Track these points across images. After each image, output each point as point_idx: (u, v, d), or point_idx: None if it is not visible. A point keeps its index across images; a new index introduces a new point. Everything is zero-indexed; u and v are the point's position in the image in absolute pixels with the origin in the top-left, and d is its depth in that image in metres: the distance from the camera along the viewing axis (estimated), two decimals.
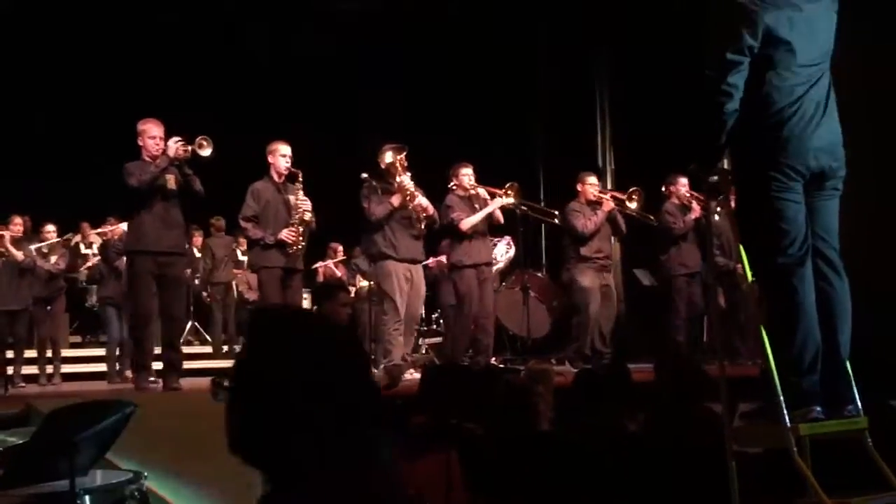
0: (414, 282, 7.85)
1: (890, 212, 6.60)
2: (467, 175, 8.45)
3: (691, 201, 8.76)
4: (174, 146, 6.90)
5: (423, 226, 7.92)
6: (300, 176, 7.52)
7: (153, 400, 6.52)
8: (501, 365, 8.50)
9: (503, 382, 5.22)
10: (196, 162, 7.04)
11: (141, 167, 6.93)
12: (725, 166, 4.36)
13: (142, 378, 7.06)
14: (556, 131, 12.14)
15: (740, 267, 5.13)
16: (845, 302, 3.71)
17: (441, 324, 10.89)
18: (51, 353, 9.40)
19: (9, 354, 9.05)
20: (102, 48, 11.90)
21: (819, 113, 3.67)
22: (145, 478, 3.00)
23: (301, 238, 7.44)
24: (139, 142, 7.07)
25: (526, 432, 4.50)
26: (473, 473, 3.69)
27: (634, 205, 8.90)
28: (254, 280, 10.15)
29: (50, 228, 9.57)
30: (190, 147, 6.96)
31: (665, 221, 8.82)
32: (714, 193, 3.97)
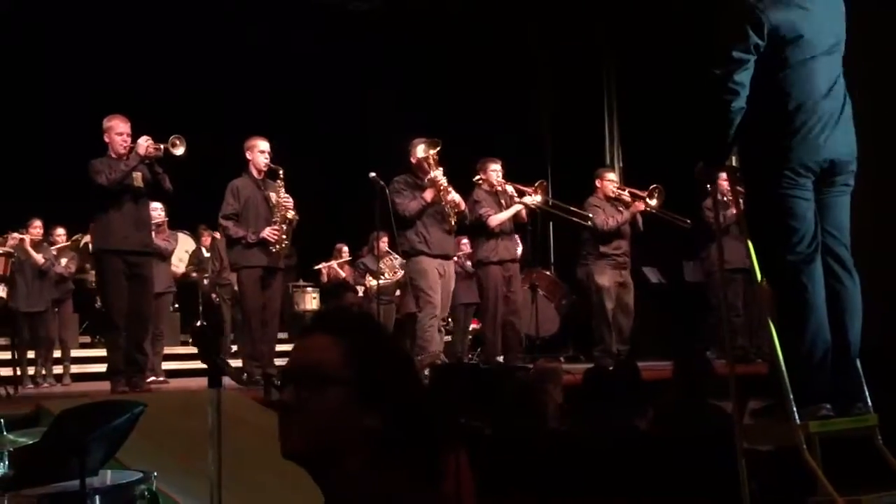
0: (445, 277, 7.71)
1: None
2: (495, 171, 8.33)
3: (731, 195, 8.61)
4: (144, 144, 6.74)
5: (455, 221, 7.78)
6: (281, 172, 7.39)
7: (162, 399, 6.51)
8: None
9: (512, 381, 5.23)
10: (169, 160, 6.89)
11: (109, 165, 6.78)
12: (733, 163, 4.35)
13: (118, 382, 6.76)
14: (565, 129, 12.12)
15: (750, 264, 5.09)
16: (856, 299, 3.69)
17: (449, 322, 10.85)
18: (60, 354, 9.44)
19: (29, 354, 9.17)
20: (118, 61, 11.87)
21: (830, 109, 3.65)
22: (155, 478, 3.00)
23: (284, 236, 7.32)
24: (105, 138, 6.90)
25: (535, 431, 4.50)
26: (482, 472, 3.69)
27: (655, 202, 8.83)
28: None
29: (60, 232, 9.61)
30: (162, 146, 6.82)
31: (706, 218, 8.69)
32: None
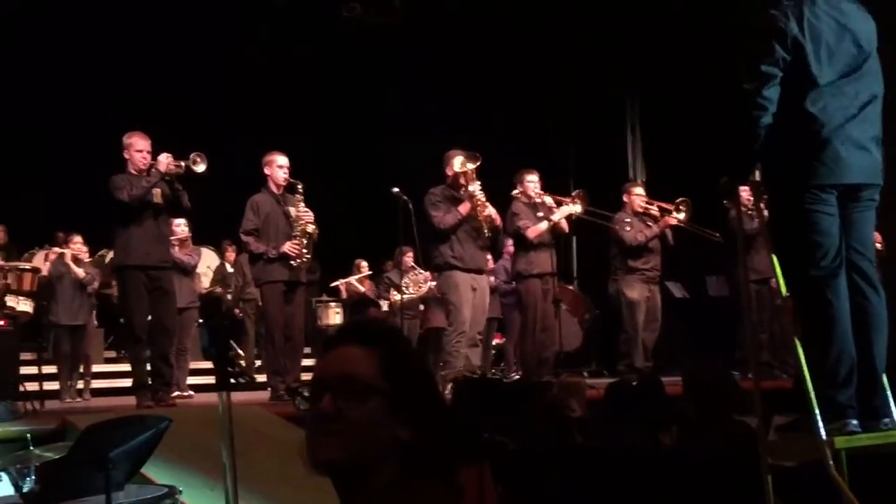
0: (478, 292, 7.64)
1: None
2: (533, 182, 8.29)
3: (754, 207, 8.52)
4: (165, 161, 6.82)
5: (489, 236, 7.72)
6: (300, 187, 7.40)
7: (187, 414, 6.53)
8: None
9: (535, 396, 5.21)
10: (188, 178, 6.96)
11: (130, 181, 6.85)
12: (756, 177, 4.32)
13: (143, 397, 6.84)
14: (587, 143, 12.09)
15: (774, 280, 5.06)
16: (881, 315, 3.66)
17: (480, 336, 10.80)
18: (83, 369, 9.45)
19: (52, 369, 9.10)
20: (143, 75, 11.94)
21: (858, 133, 3.62)
22: (180, 493, 3.02)
23: (305, 251, 7.32)
24: (125, 155, 6.96)
25: (558, 446, 4.48)
26: (506, 487, 3.68)
27: (683, 215, 8.77)
28: None
29: (77, 239, 9.55)
30: (183, 163, 6.89)
31: (733, 228, 8.58)
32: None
